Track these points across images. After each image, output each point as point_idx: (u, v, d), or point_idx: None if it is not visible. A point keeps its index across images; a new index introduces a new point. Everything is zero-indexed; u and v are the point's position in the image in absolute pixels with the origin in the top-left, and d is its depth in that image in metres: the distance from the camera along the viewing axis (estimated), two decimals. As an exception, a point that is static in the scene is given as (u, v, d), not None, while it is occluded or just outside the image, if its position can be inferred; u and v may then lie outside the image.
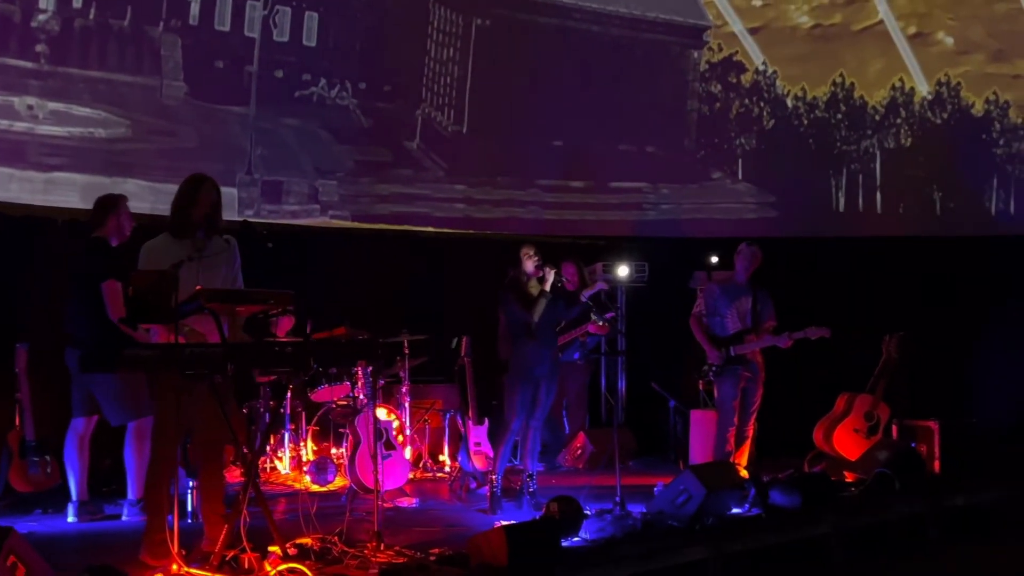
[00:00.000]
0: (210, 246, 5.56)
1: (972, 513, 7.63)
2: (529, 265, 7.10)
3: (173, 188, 5.88)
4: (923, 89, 11.08)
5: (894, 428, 8.52)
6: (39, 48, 8.55)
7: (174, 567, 5.02)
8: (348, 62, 10.01)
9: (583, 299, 7.82)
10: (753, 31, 11.17)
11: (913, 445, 8.29)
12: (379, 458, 5.79)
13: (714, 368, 7.93)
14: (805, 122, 11.25)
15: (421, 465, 8.67)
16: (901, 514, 7.24)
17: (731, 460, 7.82)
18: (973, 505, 7.66)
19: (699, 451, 8.71)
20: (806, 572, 6.49)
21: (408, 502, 7.38)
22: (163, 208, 7.86)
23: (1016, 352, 9.75)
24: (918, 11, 11.12)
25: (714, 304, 8.05)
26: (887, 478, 7.41)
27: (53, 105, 8.63)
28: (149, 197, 8.70)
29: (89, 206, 6.85)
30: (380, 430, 7.29)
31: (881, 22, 11.04)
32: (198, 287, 5.13)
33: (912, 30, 11.02)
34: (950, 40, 10.97)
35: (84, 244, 6.68)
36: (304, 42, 9.73)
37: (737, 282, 8.08)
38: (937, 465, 8.30)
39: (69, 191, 8.60)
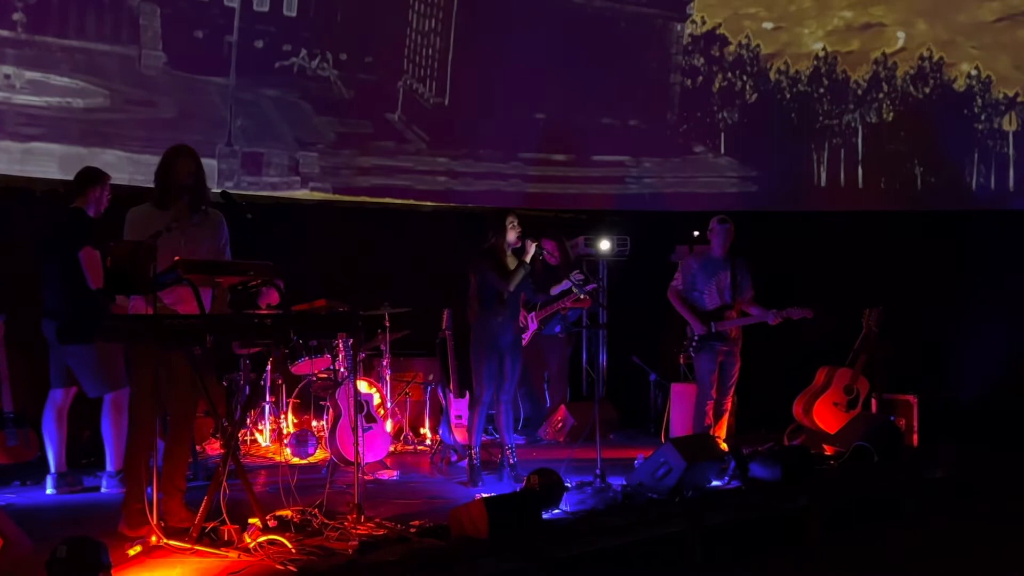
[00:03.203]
0: (195, 217, 5.52)
1: (950, 486, 7.70)
2: (512, 235, 7.06)
3: (152, 159, 5.84)
4: (905, 64, 11.06)
5: (873, 402, 8.58)
6: (16, 16, 8.44)
7: (153, 538, 5.01)
8: (329, 33, 9.92)
9: (569, 284, 7.67)
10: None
11: (892, 419, 8.34)
12: (360, 431, 5.78)
13: (694, 342, 7.94)
14: (788, 96, 11.23)
15: (402, 438, 8.68)
16: (880, 487, 7.29)
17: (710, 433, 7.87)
18: (951, 478, 7.73)
19: (679, 424, 8.74)
20: (785, 544, 6.53)
21: (389, 475, 7.40)
22: (141, 179, 7.87)
23: (994, 326, 9.79)
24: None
25: (692, 280, 8.05)
26: (866, 451, 7.47)
27: (30, 74, 8.52)
28: (128, 168, 8.65)
29: (67, 176, 6.79)
30: (361, 403, 7.29)
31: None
32: (176, 258, 5.09)
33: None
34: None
35: (63, 215, 6.63)
36: (284, 12, 9.63)
37: (714, 257, 8.08)
38: (916, 438, 8.38)
39: (47, 161, 8.52)
